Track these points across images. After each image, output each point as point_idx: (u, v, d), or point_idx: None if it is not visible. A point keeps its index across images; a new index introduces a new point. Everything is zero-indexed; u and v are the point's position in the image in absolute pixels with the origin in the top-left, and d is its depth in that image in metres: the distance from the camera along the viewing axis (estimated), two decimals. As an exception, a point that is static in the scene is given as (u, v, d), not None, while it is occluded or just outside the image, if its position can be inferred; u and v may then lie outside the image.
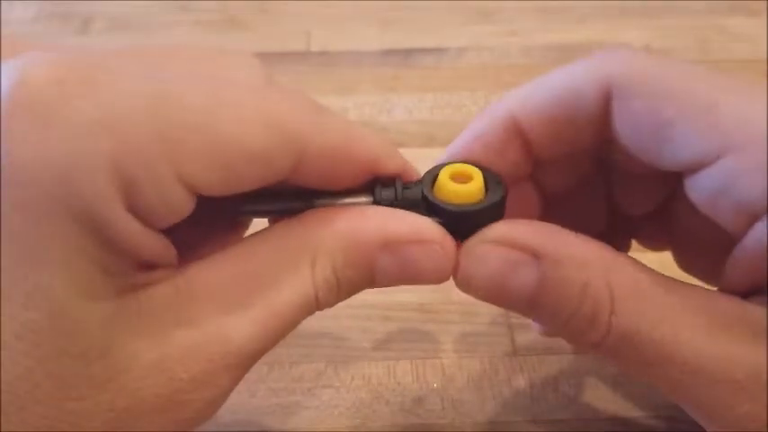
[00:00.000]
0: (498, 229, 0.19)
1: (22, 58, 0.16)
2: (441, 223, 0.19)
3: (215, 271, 0.18)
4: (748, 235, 0.18)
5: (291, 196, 0.19)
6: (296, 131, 0.17)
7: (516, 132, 0.20)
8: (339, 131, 0.18)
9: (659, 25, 0.44)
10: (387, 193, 0.19)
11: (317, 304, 0.19)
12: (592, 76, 0.19)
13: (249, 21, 0.45)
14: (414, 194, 0.19)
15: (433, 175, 0.20)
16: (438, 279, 0.19)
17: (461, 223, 0.19)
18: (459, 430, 0.25)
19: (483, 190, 0.19)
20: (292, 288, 0.18)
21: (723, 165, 0.18)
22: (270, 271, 0.18)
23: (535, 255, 0.18)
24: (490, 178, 0.20)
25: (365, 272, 0.19)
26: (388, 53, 0.42)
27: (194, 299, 0.17)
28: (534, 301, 0.19)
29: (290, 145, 0.17)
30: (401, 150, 0.20)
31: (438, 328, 0.28)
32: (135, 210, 0.16)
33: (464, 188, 0.19)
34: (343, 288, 0.19)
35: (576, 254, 0.18)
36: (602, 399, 0.25)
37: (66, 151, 0.15)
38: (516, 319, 0.28)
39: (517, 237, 0.19)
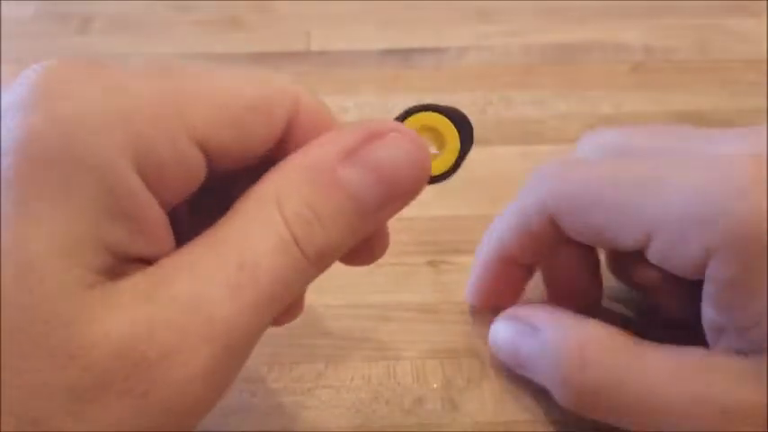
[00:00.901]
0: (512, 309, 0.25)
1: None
2: None
3: (187, 249, 0.17)
4: (703, 290, 0.21)
5: None
6: (288, 87, 0.19)
7: (511, 261, 0.26)
8: (321, 102, 0.20)
9: (659, 25, 0.44)
10: None
11: (299, 244, 0.17)
12: (534, 209, 0.24)
13: (249, 21, 0.45)
14: None
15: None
16: (415, 168, 0.19)
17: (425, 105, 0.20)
18: (459, 430, 0.25)
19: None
20: (262, 232, 0.17)
21: (654, 247, 0.21)
22: (238, 230, 0.17)
23: (534, 328, 0.24)
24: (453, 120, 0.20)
25: (337, 193, 0.18)
26: (388, 53, 0.42)
27: (165, 276, 0.17)
28: (528, 365, 0.24)
29: (285, 95, 0.18)
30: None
31: (438, 328, 0.28)
32: (147, 171, 0.16)
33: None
34: (326, 221, 0.18)
35: (557, 325, 0.23)
36: (603, 399, 0.25)
37: (74, 112, 0.16)
38: (516, 319, 0.28)
39: (521, 314, 0.25)
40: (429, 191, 0.22)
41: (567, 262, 0.26)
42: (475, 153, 0.36)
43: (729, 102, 0.38)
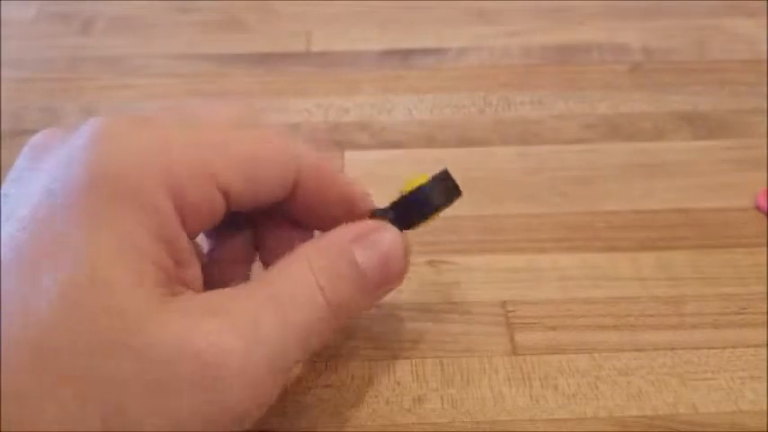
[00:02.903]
0: None
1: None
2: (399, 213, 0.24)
3: (242, 286, 0.21)
4: None
5: None
6: (293, 147, 0.22)
7: None
8: (324, 157, 0.23)
9: (659, 25, 0.44)
10: None
11: (325, 295, 0.21)
12: None
13: (249, 21, 0.46)
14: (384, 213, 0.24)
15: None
16: (405, 253, 0.23)
17: (416, 202, 0.24)
18: (459, 430, 0.25)
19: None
20: (295, 281, 0.21)
21: None
22: (278, 277, 0.21)
23: None
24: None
25: (350, 266, 0.22)
26: (388, 53, 0.43)
27: (228, 297, 0.20)
28: None
29: (291, 154, 0.22)
30: (401, 151, 0.20)
31: (438, 328, 0.28)
32: (181, 209, 0.20)
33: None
34: (342, 282, 0.21)
35: None
36: (602, 399, 0.25)
37: (123, 159, 0.19)
38: (516, 319, 0.28)
39: None
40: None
41: None
42: (474, 153, 0.37)
43: (729, 102, 0.38)
